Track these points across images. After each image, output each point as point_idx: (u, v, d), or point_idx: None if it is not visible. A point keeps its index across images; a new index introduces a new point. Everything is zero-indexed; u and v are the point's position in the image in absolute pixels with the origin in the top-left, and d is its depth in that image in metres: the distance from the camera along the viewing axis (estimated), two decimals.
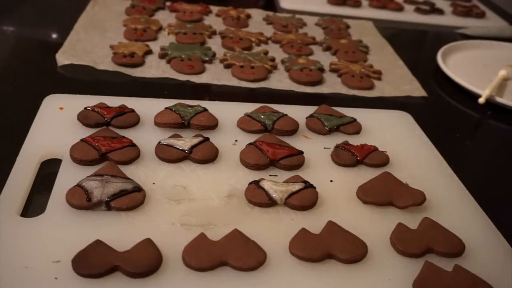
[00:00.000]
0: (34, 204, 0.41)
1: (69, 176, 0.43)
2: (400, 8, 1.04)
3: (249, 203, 0.43)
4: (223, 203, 0.43)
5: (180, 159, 0.47)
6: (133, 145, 0.47)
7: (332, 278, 0.37)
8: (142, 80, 0.64)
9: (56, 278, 0.34)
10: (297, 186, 0.44)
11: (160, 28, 0.79)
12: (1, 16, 0.78)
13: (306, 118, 0.56)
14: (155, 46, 0.72)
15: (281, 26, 0.86)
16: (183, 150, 0.47)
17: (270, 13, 0.92)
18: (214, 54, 0.71)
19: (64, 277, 0.34)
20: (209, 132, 0.51)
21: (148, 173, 0.45)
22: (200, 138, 0.48)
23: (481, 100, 0.68)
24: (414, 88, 0.71)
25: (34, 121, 0.50)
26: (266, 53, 0.74)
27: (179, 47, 0.71)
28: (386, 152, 0.52)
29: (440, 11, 1.05)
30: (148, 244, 0.37)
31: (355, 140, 0.53)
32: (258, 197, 0.43)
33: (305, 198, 0.43)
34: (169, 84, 0.64)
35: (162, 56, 0.69)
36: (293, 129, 0.53)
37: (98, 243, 0.36)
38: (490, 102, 0.68)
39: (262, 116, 0.53)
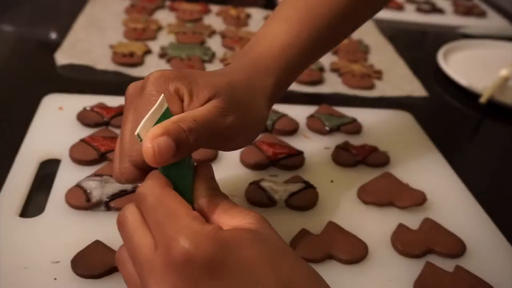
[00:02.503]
0: (33, 204, 0.41)
1: (68, 176, 0.43)
2: (400, 8, 1.04)
3: (249, 203, 0.43)
4: None
5: None
6: None
7: (332, 278, 0.37)
8: None
9: (55, 279, 0.34)
10: (297, 186, 0.44)
11: (160, 28, 0.78)
12: (0, 15, 0.78)
13: (307, 118, 0.55)
14: (154, 46, 0.71)
15: None
16: None
17: (270, 12, 0.91)
18: (214, 54, 0.71)
19: (64, 277, 0.34)
20: None
21: None
22: None
23: (482, 100, 0.68)
24: (414, 88, 0.71)
25: (33, 121, 0.50)
26: None
27: (179, 47, 0.71)
28: (386, 152, 0.51)
29: (440, 11, 1.05)
30: None
31: (355, 140, 0.53)
32: (258, 197, 0.42)
33: (305, 198, 0.43)
34: None
35: (161, 55, 0.69)
36: (293, 129, 0.53)
37: (97, 243, 0.36)
38: (490, 102, 0.68)
39: None
